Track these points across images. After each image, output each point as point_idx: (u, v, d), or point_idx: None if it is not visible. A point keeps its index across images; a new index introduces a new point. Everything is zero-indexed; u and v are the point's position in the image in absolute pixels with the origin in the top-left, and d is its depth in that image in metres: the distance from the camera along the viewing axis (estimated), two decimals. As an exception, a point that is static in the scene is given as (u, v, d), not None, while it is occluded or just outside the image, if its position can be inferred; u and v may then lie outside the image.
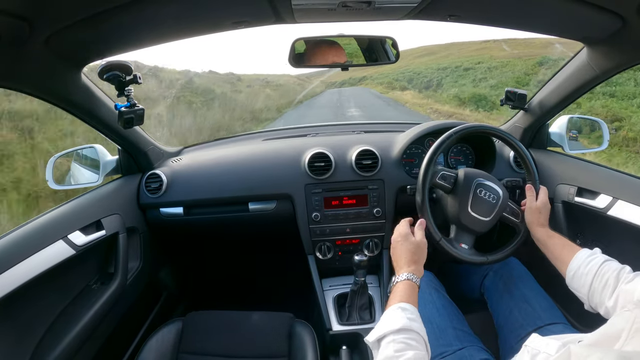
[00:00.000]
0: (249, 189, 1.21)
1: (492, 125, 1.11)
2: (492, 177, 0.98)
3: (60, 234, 0.88)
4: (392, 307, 0.70)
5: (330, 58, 1.02)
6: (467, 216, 0.93)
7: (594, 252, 0.77)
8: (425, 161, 0.97)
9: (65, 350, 0.85)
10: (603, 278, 0.71)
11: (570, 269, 0.78)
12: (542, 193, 0.94)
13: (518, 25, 0.90)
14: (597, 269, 0.73)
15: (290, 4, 0.70)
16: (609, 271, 0.71)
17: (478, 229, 0.94)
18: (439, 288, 0.99)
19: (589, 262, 0.75)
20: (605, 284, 0.70)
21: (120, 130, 1.04)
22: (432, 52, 24.94)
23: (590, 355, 0.41)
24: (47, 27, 0.61)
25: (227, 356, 0.96)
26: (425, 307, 0.92)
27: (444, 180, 0.97)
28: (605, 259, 0.75)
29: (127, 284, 1.07)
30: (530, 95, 1.22)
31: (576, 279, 0.76)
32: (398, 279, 0.77)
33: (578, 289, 0.76)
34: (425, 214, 0.96)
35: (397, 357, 0.60)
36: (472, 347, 0.83)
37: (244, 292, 1.67)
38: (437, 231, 0.94)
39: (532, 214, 0.91)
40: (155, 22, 0.72)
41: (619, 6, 0.68)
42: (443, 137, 0.98)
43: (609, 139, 1.27)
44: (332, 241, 1.22)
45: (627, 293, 0.65)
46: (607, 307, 0.69)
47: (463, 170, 0.98)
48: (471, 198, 0.94)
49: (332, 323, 1.11)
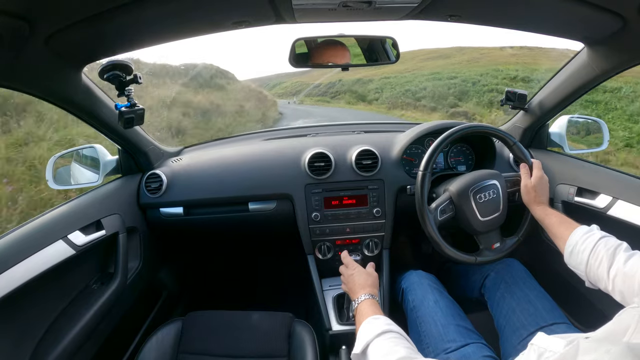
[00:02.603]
0: (249, 188, 1.21)
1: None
2: (480, 174, 0.99)
3: (60, 233, 0.88)
4: (365, 321, 0.72)
5: (331, 58, 1.02)
6: (482, 223, 0.96)
7: (590, 229, 0.77)
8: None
9: (65, 350, 0.85)
10: (598, 256, 0.71)
11: (568, 246, 0.78)
12: (535, 169, 0.94)
13: (518, 26, 0.90)
14: (593, 247, 0.73)
15: (291, 4, 0.70)
16: (604, 249, 0.71)
17: (498, 224, 0.97)
18: (441, 289, 1.00)
19: (585, 240, 0.75)
20: (600, 262, 0.70)
21: (120, 130, 1.04)
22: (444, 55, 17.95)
23: (598, 348, 0.42)
24: (47, 27, 0.61)
25: (226, 356, 0.96)
26: (428, 307, 0.93)
27: (445, 213, 0.98)
28: (601, 235, 0.74)
29: (127, 284, 1.07)
30: (531, 95, 1.22)
31: (573, 257, 0.77)
32: (358, 300, 0.82)
33: (576, 266, 0.77)
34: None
35: (390, 355, 0.60)
36: (476, 344, 0.84)
37: (244, 292, 1.67)
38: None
39: (528, 193, 0.93)
40: (155, 22, 0.72)
41: (619, 6, 0.68)
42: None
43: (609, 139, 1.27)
44: (332, 241, 1.22)
45: (625, 277, 0.64)
46: (606, 285, 0.69)
47: (453, 187, 0.99)
48: (475, 207, 0.95)
49: (331, 323, 1.11)
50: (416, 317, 0.94)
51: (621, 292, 0.66)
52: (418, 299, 0.97)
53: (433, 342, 0.86)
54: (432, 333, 0.87)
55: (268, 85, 20.60)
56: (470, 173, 1.01)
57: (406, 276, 1.08)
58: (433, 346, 0.85)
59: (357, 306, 0.81)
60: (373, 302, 0.80)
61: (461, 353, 0.81)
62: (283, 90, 20.72)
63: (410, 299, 0.99)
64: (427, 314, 0.92)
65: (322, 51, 1.01)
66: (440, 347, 0.84)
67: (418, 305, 0.96)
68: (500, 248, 0.99)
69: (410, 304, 0.98)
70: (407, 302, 1.01)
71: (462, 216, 0.97)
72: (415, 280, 1.03)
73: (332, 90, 17.85)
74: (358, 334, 0.71)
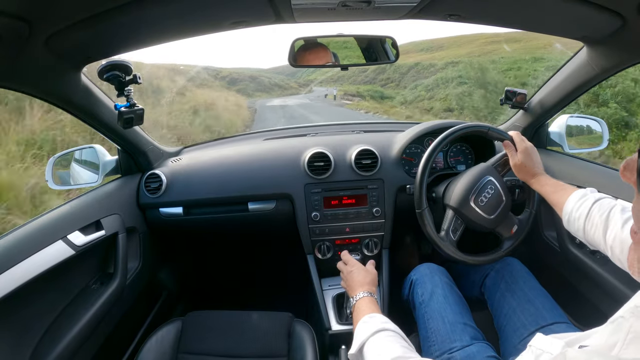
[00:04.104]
0: (249, 188, 1.21)
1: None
2: (472, 176, 0.98)
3: (60, 234, 0.88)
4: (361, 320, 0.72)
5: (330, 58, 1.02)
6: (493, 221, 0.96)
7: (584, 194, 0.76)
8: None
9: (65, 350, 0.85)
10: (593, 222, 0.70)
11: (564, 213, 0.77)
12: (517, 142, 0.93)
13: (518, 25, 0.90)
14: (587, 212, 0.72)
15: (290, 3, 0.70)
16: (597, 214, 0.70)
17: (507, 211, 0.97)
18: (451, 283, 0.99)
19: (579, 206, 0.74)
20: (595, 228, 0.69)
21: (119, 131, 1.04)
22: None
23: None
24: (46, 27, 0.61)
25: (226, 356, 0.96)
26: (438, 302, 0.93)
27: (457, 231, 0.98)
28: (595, 199, 0.73)
29: (126, 284, 1.07)
30: (530, 94, 1.22)
31: (571, 224, 0.76)
32: (356, 298, 0.82)
33: (575, 232, 0.76)
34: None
35: (385, 354, 0.60)
36: (480, 343, 0.83)
37: (244, 292, 1.67)
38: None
39: (520, 171, 0.92)
40: (155, 22, 0.72)
41: (619, 5, 0.68)
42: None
43: (609, 139, 1.27)
44: (332, 241, 1.22)
45: (623, 244, 0.63)
46: (604, 251, 0.69)
47: (453, 201, 0.98)
48: (480, 211, 0.95)
49: (331, 323, 1.11)
50: (424, 313, 0.93)
51: (620, 260, 0.65)
52: (427, 292, 0.96)
53: (440, 340, 0.85)
54: (440, 331, 0.87)
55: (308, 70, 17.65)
56: (462, 177, 1.00)
57: (417, 268, 1.06)
58: (439, 344, 0.85)
59: (355, 303, 0.81)
60: (371, 300, 0.80)
61: (465, 352, 0.81)
62: (324, 77, 17.73)
63: (420, 292, 0.98)
64: (436, 310, 0.91)
65: (321, 51, 1.02)
66: (447, 346, 0.83)
67: (427, 300, 0.94)
68: (517, 231, 0.99)
69: (419, 298, 0.97)
70: (416, 295, 0.99)
71: (472, 224, 0.98)
72: (426, 273, 1.02)
73: (383, 77, 14.05)
74: (354, 333, 0.71)
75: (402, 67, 14.34)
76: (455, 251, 0.96)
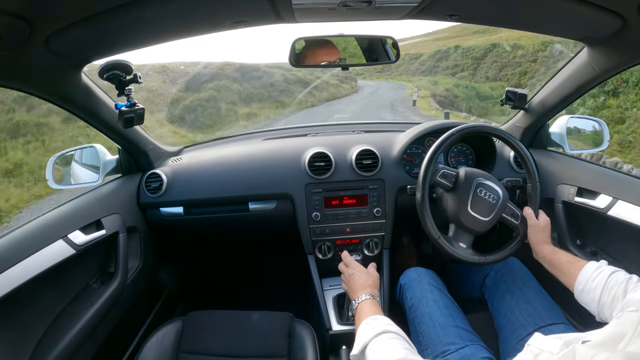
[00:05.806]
0: (249, 188, 1.21)
1: (492, 125, 1.11)
2: (492, 177, 0.98)
3: (60, 233, 0.88)
4: (363, 322, 0.72)
5: (331, 57, 1.02)
6: (467, 215, 0.94)
7: (600, 266, 0.77)
8: (426, 160, 0.97)
9: (65, 350, 0.85)
10: (611, 292, 0.71)
11: (578, 283, 0.77)
12: (541, 213, 0.95)
13: (518, 25, 0.90)
14: (605, 283, 0.72)
15: (291, 3, 0.70)
16: (616, 284, 0.70)
17: (477, 228, 0.95)
18: (440, 287, 1.00)
19: (596, 277, 0.75)
20: (613, 297, 0.70)
21: (120, 130, 1.04)
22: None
23: (596, 355, 0.41)
24: (47, 27, 0.61)
25: (227, 356, 0.96)
26: (427, 306, 0.93)
27: (444, 178, 0.97)
28: (611, 271, 0.74)
29: (127, 284, 1.08)
30: (531, 95, 1.22)
31: (584, 294, 0.76)
32: (358, 300, 0.82)
33: (587, 303, 0.76)
34: (425, 213, 0.96)
35: (388, 356, 0.60)
36: (474, 345, 0.83)
37: (244, 292, 1.67)
38: (436, 230, 0.94)
39: (537, 233, 0.92)
40: (155, 21, 0.72)
41: (619, 6, 0.67)
42: (444, 137, 0.98)
43: (609, 139, 1.27)
44: (332, 241, 1.22)
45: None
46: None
47: (464, 170, 0.98)
48: (471, 197, 0.94)
49: (331, 323, 1.11)
50: (414, 317, 0.93)
51: None
52: (416, 297, 0.96)
53: (432, 344, 0.86)
54: (431, 335, 0.87)
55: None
56: (486, 172, 1.01)
57: (405, 272, 1.07)
58: (432, 348, 0.85)
59: (357, 306, 0.81)
60: (373, 303, 0.80)
61: (459, 354, 0.81)
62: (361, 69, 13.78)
63: (409, 297, 0.98)
64: (426, 314, 0.91)
65: (322, 50, 1.01)
66: (439, 350, 0.83)
67: (416, 305, 0.95)
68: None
69: (408, 302, 0.98)
70: (405, 299, 1.00)
71: (454, 196, 0.96)
72: (414, 277, 1.02)
73: (446, 63, 10.90)
74: (357, 334, 0.71)
75: (472, 51, 11.21)
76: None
